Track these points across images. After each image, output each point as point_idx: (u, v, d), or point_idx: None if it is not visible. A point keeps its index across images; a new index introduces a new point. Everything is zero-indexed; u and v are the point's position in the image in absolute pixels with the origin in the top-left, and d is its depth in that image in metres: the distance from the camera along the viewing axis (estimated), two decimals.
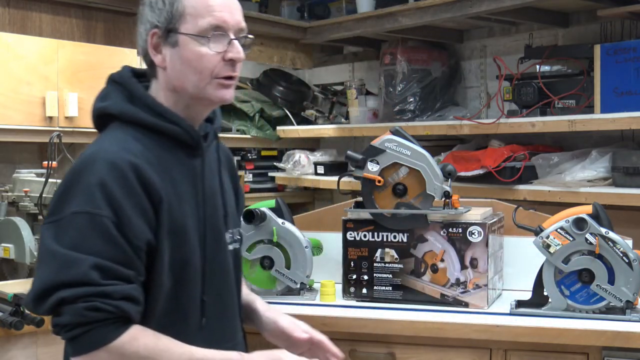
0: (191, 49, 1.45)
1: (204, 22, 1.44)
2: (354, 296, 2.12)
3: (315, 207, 3.95)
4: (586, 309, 1.90)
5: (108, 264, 1.33)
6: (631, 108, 2.53)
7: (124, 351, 1.34)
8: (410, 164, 2.03)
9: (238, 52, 1.47)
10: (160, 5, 1.47)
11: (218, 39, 1.45)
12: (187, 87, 1.47)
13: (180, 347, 1.39)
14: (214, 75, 1.46)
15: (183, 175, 1.48)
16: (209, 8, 1.44)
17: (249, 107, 3.77)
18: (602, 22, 2.90)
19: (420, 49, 3.39)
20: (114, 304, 1.32)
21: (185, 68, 1.46)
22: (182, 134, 1.48)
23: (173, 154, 1.48)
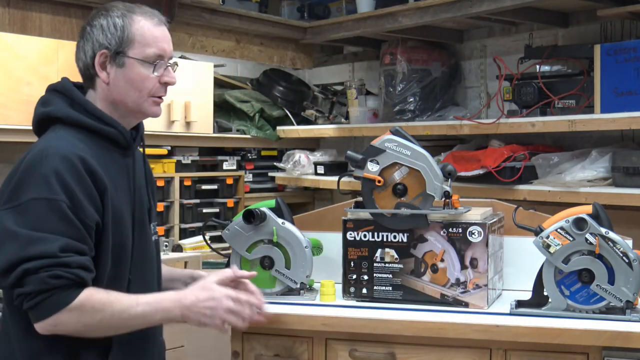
0: (136, 71, 1.71)
1: (150, 51, 1.72)
2: (354, 296, 2.12)
3: (315, 207, 3.95)
4: (586, 309, 1.90)
5: (66, 240, 1.54)
6: (631, 108, 2.54)
7: (82, 308, 1.55)
8: (410, 164, 2.03)
9: (172, 77, 1.77)
10: (112, 30, 1.71)
11: (160, 65, 1.73)
12: (127, 102, 1.73)
13: (127, 297, 1.63)
14: (150, 94, 1.74)
15: (118, 171, 1.72)
16: (155, 39, 1.73)
17: (249, 107, 3.77)
18: (602, 22, 2.90)
19: (420, 49, 3.39)
20: (72, 271, 1.54)
21: (128, 86, 1.72)
22: (118, 135, 1.72)
23: (109, 153, 1.71)
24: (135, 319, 1.61)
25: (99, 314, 1.57)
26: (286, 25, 3.71)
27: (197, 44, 3.48)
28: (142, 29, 1.72)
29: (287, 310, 2.01)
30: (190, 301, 1.68)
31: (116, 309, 1.59)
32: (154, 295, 1.68)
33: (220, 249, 2.29)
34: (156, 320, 1.67)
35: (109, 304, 1.59)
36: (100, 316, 1.57)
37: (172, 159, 3.39)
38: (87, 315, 1.56)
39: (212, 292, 1.71)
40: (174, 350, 2.96)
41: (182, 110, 3.34)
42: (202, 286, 1.73)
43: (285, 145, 3.93)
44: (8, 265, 1.53)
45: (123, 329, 1.63)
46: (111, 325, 1.60)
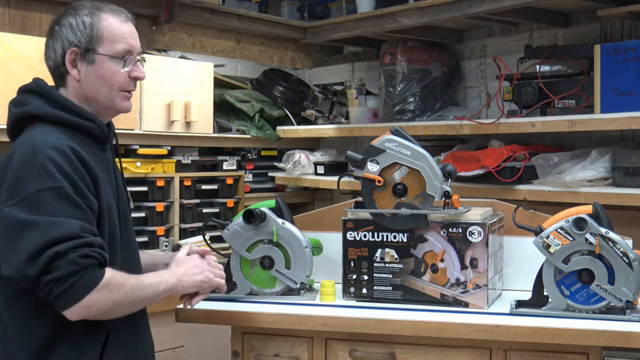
0: (106, 67, 1.76)
1: (119, 47, 1.77)
2: (354, 296, 2.12)
3: (315, 207, 3.95)
4: (586, 309, 1.90)
5: (81, 222, 1.58)
6: (631, 108, 2.53)
7: (109, 286, 1.59)
8: (410, 164, 2.03)
9: (141, 71, 1.82)
10: (82, 28, 1.75)
11: (129, 60, 1.78)
12: (98, 97, 1.77)
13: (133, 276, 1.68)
14: (120, 89, 1.78)
15: (99, 165, 1.73)
16: (123, 35, 1.78)
17: (249, 107, 3.77)
18: (602, 22, 2.90)
19: (420, 49, 3.39)
20: (97, 250, 1.58)
21: (99, 82, 1.76)
22: (97, 129, 1.76)
23: (89, 148, 1.73)
24: (147, 289, 1.68)
25: (123, 289, 1.62)
26: (286, 25, 3.71)
27: (197, 44, 3.48)
28: (110, 26, 1.76)
29: (287, 310, 2.01)
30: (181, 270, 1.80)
31: (132, 282, 1.65)
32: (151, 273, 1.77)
33: (220, 249, 2.29)
34: (161, 289, 1.73)
35: (127, 279, 1.64)
36: (124, 291, 1.62)
37: (172, 159, 3.39)
38: (115, 291, 1.60)
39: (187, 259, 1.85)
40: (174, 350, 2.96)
41: (182, 110, 3.34)
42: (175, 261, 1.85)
43: (285, 145, 3.93)
44: (34, 251, 1.53)
45: (139, 304, 1.70)
46: (133, 300, 1.66)
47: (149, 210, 3.29)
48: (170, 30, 3.37)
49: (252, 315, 1.99)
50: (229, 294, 2.11)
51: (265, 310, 2.00)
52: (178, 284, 1.78)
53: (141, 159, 3.24)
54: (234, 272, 2.12)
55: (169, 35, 3.37)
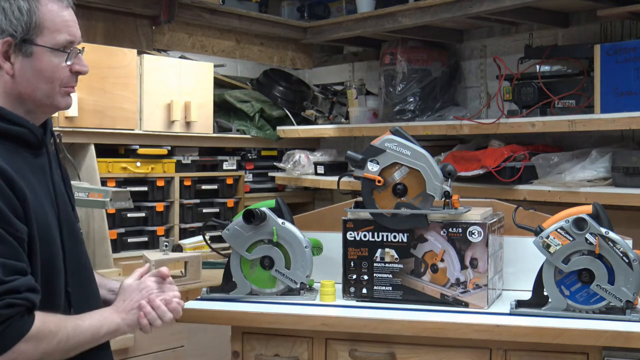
0: (46, 60, 1.52)
1: (61, 37, 1.53)
2: (354, 296, 2.12)
3: (315, 207, 3.95)
4: (586, 309, 1.90)
5: (4, 261, 1.39)
6: (631, 108, 2.53)
7: (39, 335, 1.44)
8: (410, 164, 2.03)
9: (84, 65, 1.59)
10: (17, 14, 1.50)
11: (72, 53, 1.56)
12: (36, 95, 1.54)
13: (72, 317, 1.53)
14: (62, 85, 1.56)
15: (34, 174, 1.53)
16: (65, 24, 1.54)
17: (249, 107, 3.77)
18: (602, 22, 2.90)
19: (420, 49, 3.39)
20: (23, 296, 1.40)
21: (37, 77, 1.53)
22: (28, 134, 1.53)
23: (20, 156, 1.52)
24: (86, 335, 1.53)
25: (56, 337, 1.47)
26: (286, 25, 3.71)
27: (197, 44, 3.48)
28: (50, 12, 1.52)
29: (287, 310, 2.01)
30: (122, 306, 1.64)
31: (69, 328, 1.49)
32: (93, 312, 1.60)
33: (220, 249, 2.29)
34: (102, 332, 1.57)
35: (62, 324, 1.49)
36: (57, 339, 1.47)
37: (172, 159, 3.39)
38: (45, 341, 1.45)
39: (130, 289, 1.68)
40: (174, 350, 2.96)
41: (182, 110, 3.34)
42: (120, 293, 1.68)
43: (285, 145, 3.93)
44: None
45: (75, 350, 1.53)
46: (67, 347, 1.50)
47: (149, 210, 3.29)
48: (170, 30, 3.37)
49: (252, 315, 1.99)
50: (229, 294, 2.11)
51: (265, 310, 2.00)
52: (122, 323, 1.61)
53: (141, 159, 3.24)
54: (234, 272, 2.11)
55: (169, 35, 3.37)
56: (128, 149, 3.22)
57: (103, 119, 3.04)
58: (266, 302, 2.07)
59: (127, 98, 3.11)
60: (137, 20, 3.26)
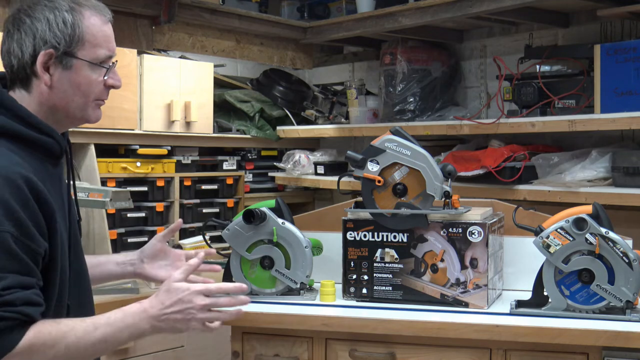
0: (84, 74, 1.52)
1: (102, 52, 1.54)
2: (354, 296, 2.12)
3: (315, 207, 3.95)
4: (586, 309, 1.90)
5: (9, 276, 1.36)
6: (631, 108, 2.54)
7: (31, 349, 1.38)
8: (410, 164, 2.03)
9: (118, 79, 1.59)
10: (62, 26, 1.50)
11: (110, 68, 1.56)
12: (69, 108, 1.54)
13: (82, 322, 1.46)
14: (95, 98, 1.57)
15: (53, 185, 1.51)
16: (106, 38, 1.55)
17: (249, 107, 3.77)
18: (602, 22, 2.90)
19: (420, 49, 3.39)
20: (17, 310, 1.36)
21: (74, 90, 1.52)
22: (54, 145, 1.52)
23: (43, 165, 1.51)
24: (96, 345, 1.46)
25: (52, 350, 1.41)
26: (286, 25, 3.71)
27: (197, 44, 3.48)
28: (93, 26, 1.52)
29: (287, 310, 2.01)
30: (157, 310, 1.54)
31: (71, 340, 1.43)
32: (113, 313, 1.51)
33: (220, 249, 2.29)
34: (123, 339, 1.50)
35: (61, 336, 1.42)
36: (53, 352, 1.41)
37: (172, 159, 3.39)
38: (39, 355, 1.40)
39: (177, 294, 1.56)
40: (174, 350, 2.96)
41: (182, 110, 3.34)
42: (166, 289, 1.58)
43: (285, 145, 3.93)
44: None
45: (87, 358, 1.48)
46: (69, 357, 1.44)
47: (149, 210, 3.29)
48: (170, 30, 3.37)
49: (252, 315, 1.99)
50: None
51: (265, 310, 2.00)
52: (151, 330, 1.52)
53: (141, 159, 3.24)
54: (234, 272, 2.11)
55: (169, 35, 3.37)
56: (128, 149, 3.22)
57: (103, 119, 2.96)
58: (266, 302, 2.07)
59: (127, 98, 3.11)
60: (137, 20, 3.26)
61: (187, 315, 1.56)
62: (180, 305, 1.56)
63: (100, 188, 2.73)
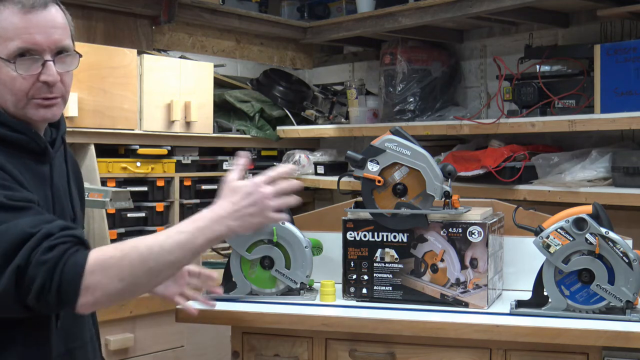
0: (5, 72, 1.44)
1: (12, 46, 1.42)
2: (354, 296, 2.12)
3: (315, 207, 3.95)
4: (586, 309, 1.90)
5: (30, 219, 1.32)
6: (631, 108, 2.53)
7: (102, 264, 1.32)
8: (410, 164, 2.03)
9: (50, 74, 1.45)
10: None
11: (26, 62, 1.43)
12: (8, 107, 1.47)
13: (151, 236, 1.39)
14: (29, 97, 1.46)
15: (33, 181, 1.47)
16: (17, 31, 1.43)
17: (249, 107, 3.77)
18: (602, 22, 2.90)
19: (420, 49, 3.39)
20: (61, 235, 1.32)
21: (3, 89, 1.45)
22: (29, 142, 1.48)
23: (22, 162, 1.47)
24: (172, 252, 1.37)
25: (125, 259, 1.33)
26: (286, 25, 3.71)
27: (197, 44, 3.48)
28: (4, 21, 1.43)
29: (287, 310, 2.01)
30: (230, 209, 1.44)
31: (142, 248, 1.35)
32: (183, 223, 1.42)
33: (220, 249, 2.29)
34: (199, 244, 1.40)
35: (129, 247, 1.35)
36: (128, 261, 1.33)
37: (172, 159, 3.39)
38: (114, 267, 1.32)
39: (244, 189, 1.46)
40: (174, 350, 2.96)
41: (182, 110, 3.34)
42: (230, 190, 1.47)
43: (285, 145, 3.93)
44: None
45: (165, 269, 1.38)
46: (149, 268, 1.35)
47: (149, 210, 3.29)
48: (170, 30, 3.37)
49: (252, 315, 1.99)
50: (229, 294, 2.11)
51: (265, 310, 2.00)
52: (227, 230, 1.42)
53: (141, 159, 3.24)
54: (234, 272, 2.12)
55: (169, 35, 3.37)
56: (128, 149, 3.22)
57: (103, 119, 3.03)
58: (266, 302, 2.08)
59: (127, 98, 3.11)
60: (137, 20, 3.26)
61: (262, 206, 1.46)
62: (251, 197, 1.46)
63: (100, 188, 2.73)
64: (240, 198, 1.45)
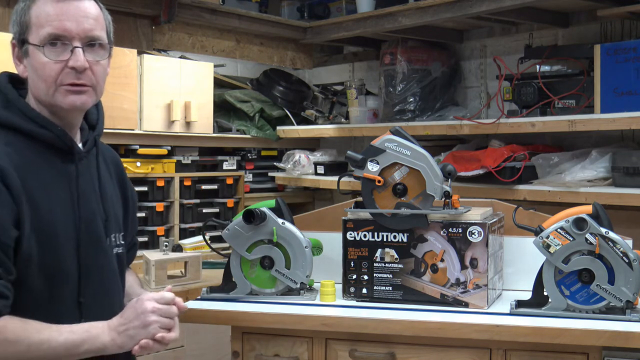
0: (37, 58, 1.51)
1: (44, 32, 1.49)
2: (354, 296, 2.12)
3: (315, 207, 3.95)
4: (586, 309, 1.90)
5: None
6: (631, 108, 2.54)
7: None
8: (410, 164, 2.03)
9: (77, 60, 1.50)
10: (15, 16, 1.53)
11: (56, 48, 1.50)
12: (40, 95, 1.53)
13: (50, 327, 1.45)
14: (58, 83, 1.51)
15: (56, 180, 1.52)
16: (48, 17, 1.49)
17: (249, 107, 3.77)
18: (602, 22, 2.90)
19: (420, 49, 3.39)
20: None
21: (35, 77, 1.52)
22: (54, 138, 1.53)
23: (46, 159, 1.52)
24: (57, 350, 1.45)
25: (13, 346, 1.41)
26: (286, 25, 3.71)
27: (197, 44, 3.48)
28: (38, 9, 1.51)
29: (287, 310, 2.01)
30: (117, 323, 1.53)
31: (34, 340, 1.43)
32: (80, 325, 1.52)
33: (220, 249, 2.29)
34: (82, 350, 1.49)
35: (24, 335, 1.43)
36: (14, 349, 1.41)
37: (172, 159, 3.39)
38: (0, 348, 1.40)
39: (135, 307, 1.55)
40: (174, 350, 2.96)
41: (182, 110, 3.34)
42: (129, 306, 1.57)
43: (285, 145, 3.93)
44: None
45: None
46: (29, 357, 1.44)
47: (149, 210, 3.29)
48: (170, 30, 3.37)
49: (252, 315, 1.99)
50: (229, 294, 2.11)
51: (265, 310, 2.00)
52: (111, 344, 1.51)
53: (141, 159, 3.24)
54: (234, 272, 2.11)
55: (169, 35, 3.37)
56: (128, 149, 3.22)
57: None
58: (266, 302, 2.07)
59: (127, 98, 3.11)
60: (137, 20, 3.26)
61: (144, 322, 1.54)
62: (135, 313, 1.54)
63: None
64: (128, 314, 1.54)
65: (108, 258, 1.63)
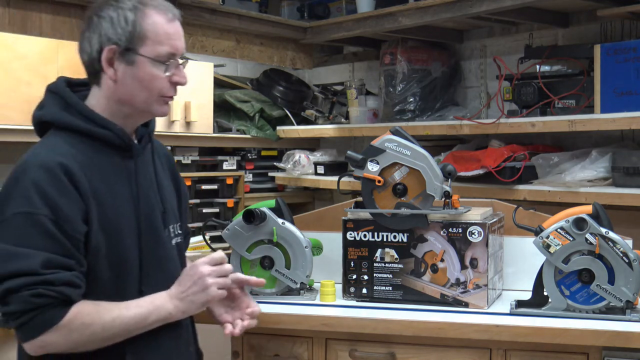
0: (147, 70, 1.61)
1: (163, 49, 1.61)
2: (354, 296, 2.12)
3: (315, 207, 3.95)
4: (586, 309, 1.90)
5: (48, 255, 1.47)
6: (631, 108, 2.53)
7: (70, 326, 1.49)
8: (410, 164, 2.03)
9: (183, 76, 1.66)
10: (123, 24, 1.59)
11: (172, 65, 1.63)
12: (135, 102, 1.63)
13: (118, 304, 1.57)
14: (160, 94, 1.64)
15: (117, 176, 1.63)
16: (168, 36, 1.62)
17: (249, 107, 3.77)
18: (602, 22, 2.90)
19: (420, 49, 3.39)
20: (56, 289, 1.46)
21: (137, 85, 1.61)
22: (113, 137, 1.62)
23: (107, 157, 1.62)
24: (129, 324, 1.56)
25: (89, 328, 1.52)
26: (286, 25, 3.71)
27: (197, 44, 3.48)
28: (154, 24, 1.60)
29: (287, 310, 2.01)
30: (177, 290, 1.65)
31: (106, 319, 1.54)
32: (146, 297, 1.62)
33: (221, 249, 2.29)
34: (151, 320, 1.60)
35: (98, 316, 1.53)
36: (90, 331, 1.52)
37: None
38: (77, 332, 1.50)
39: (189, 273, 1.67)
40: None
41: (182, 110, 3.34)
42: (183, 275, 1.69)
43: (285, 145, 3.93)
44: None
45: (120, 337, 1.57)
46: (105, 337, 1.55)
47: None
48: None
49: None
50: None
51: (265, 310, 2.00)
52: (175, 311, 1.64)
53: None
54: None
55: None
56: None
57: None
58: (266, 302, 2.07)
59: None
60: None
61: (202, 285, 1.65)
62: (192, 279, 1.66)
63: None
64: (185, 281, 1.66)
65: (167, 249, 1.72)
